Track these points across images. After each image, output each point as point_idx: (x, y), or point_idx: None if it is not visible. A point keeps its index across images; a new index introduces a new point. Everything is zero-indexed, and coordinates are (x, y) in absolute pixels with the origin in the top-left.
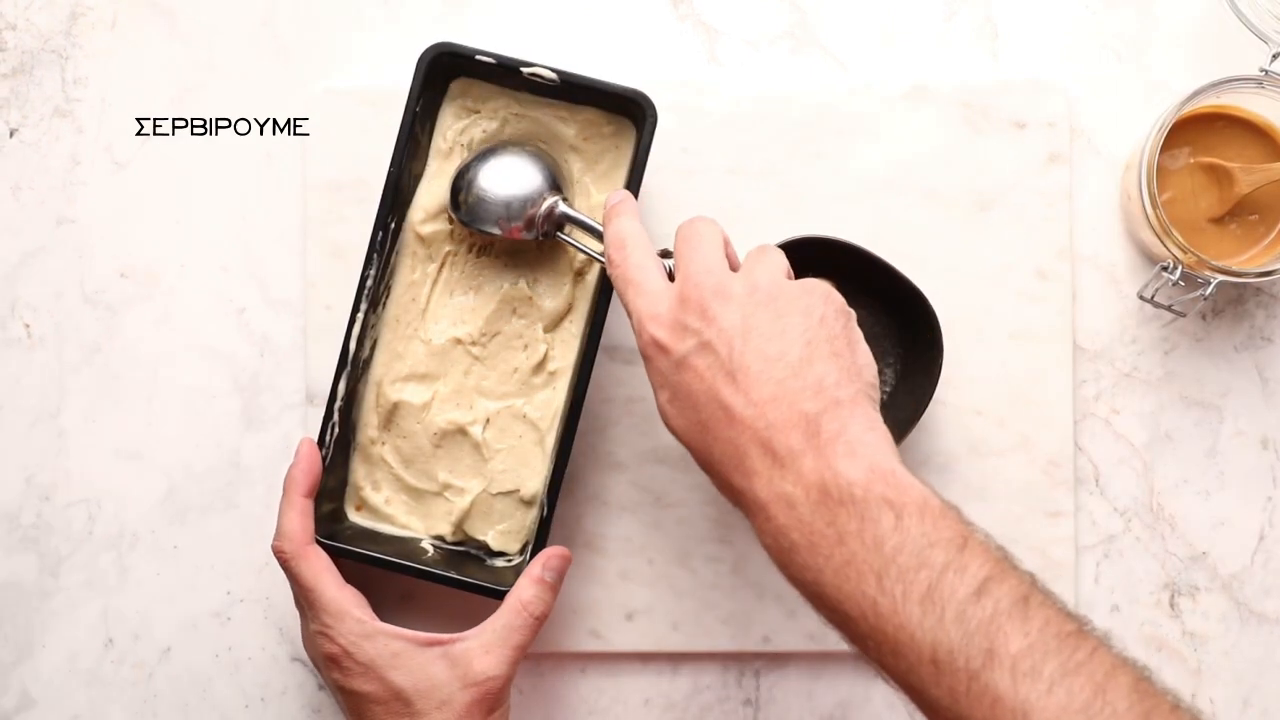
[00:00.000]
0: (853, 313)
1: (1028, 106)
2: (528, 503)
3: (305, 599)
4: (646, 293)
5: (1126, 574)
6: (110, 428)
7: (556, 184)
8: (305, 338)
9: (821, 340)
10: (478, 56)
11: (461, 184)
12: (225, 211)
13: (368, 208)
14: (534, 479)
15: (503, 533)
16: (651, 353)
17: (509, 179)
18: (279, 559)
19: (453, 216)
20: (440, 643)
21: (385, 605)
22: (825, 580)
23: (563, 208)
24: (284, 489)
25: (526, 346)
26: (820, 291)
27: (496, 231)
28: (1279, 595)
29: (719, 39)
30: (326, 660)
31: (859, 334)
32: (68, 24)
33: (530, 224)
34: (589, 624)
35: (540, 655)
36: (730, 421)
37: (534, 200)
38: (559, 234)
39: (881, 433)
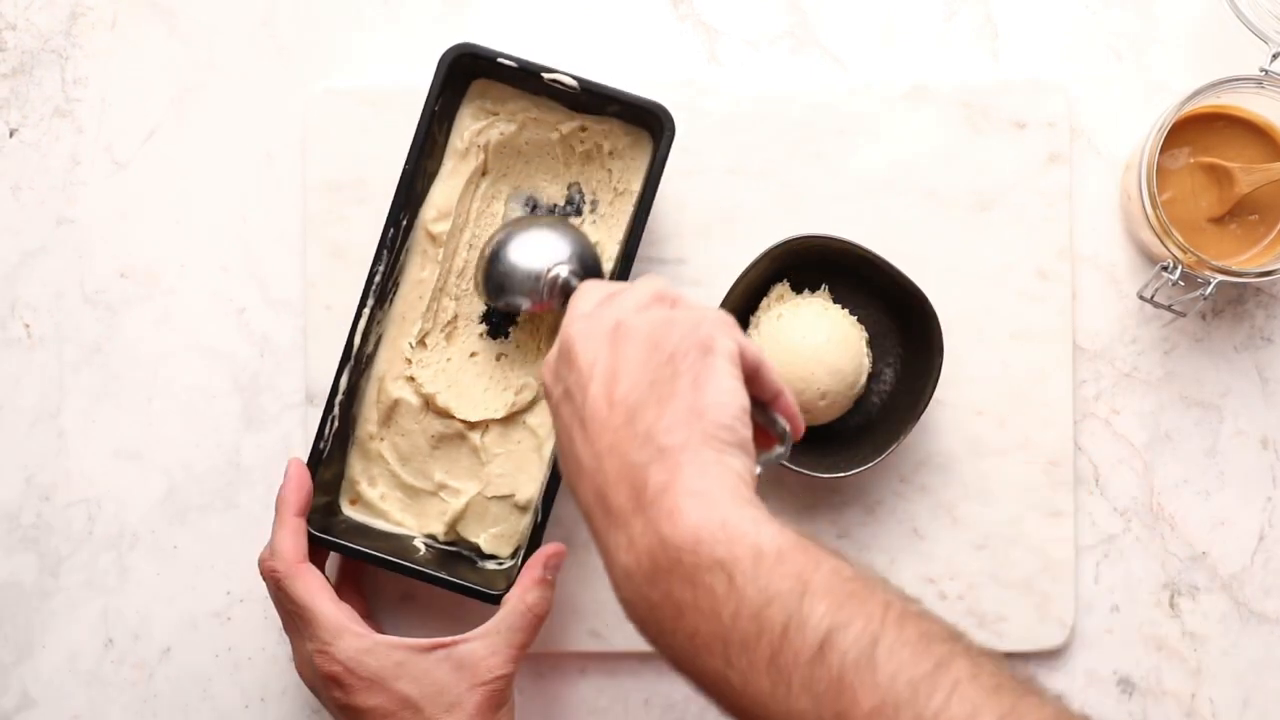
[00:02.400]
0: (726, 346)
1: (1028, 106)
2: (522, 508)
3: (300, 617)
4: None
5: (1126, 574)
6: (110, 428)
7: (576, 253)
8: (305, 338)
9: (665, 380)
10: (499, 59)
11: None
12: (225, 211)
13: (368, 208)
14: (530, 485)
15: (495, 536)
16: (544, 397)
17: (533, 252)
18: (271, 578)
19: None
20: (442, 645)
21: (385, 605)
22: (677, 656)
23: (565, 276)
24: (276, 508)
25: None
26: (687, 322)
27: (526, 303)
28: (1279, 595)
29: (719, 39)
30: (327, 680)
31: (718, 368)
32: (68, 24)
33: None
34: (589, 624)
35: (540, 655)
36: (580, 474)
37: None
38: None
39: (715, 476)
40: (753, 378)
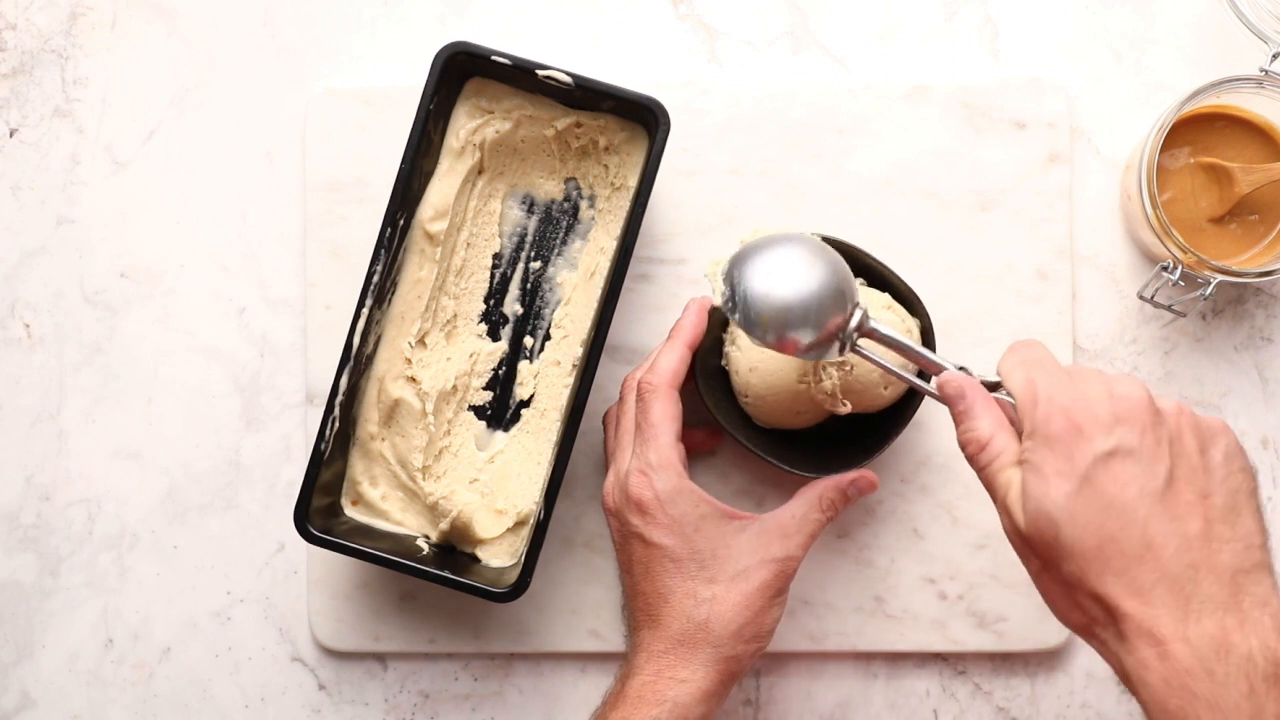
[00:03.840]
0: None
1: (1028, 106)
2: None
3: (642, 435)
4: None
5: None
6: (110, 428)
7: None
8: (305, 338)
9: (1246, 492)
10: (493, 57)
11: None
12: (225, 211)
13: (368, 208)
14: (532, 484)
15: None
16: (1069, 436)
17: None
18: (641, 389)
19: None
20: (740, 517)
21: (387, 604)
22: None
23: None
24: (670, 336)
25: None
26: (1234, 437)
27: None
28: None
29: (719, 39)
30: (635, 505)
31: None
32: (68, 24)
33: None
34: (589, 624)
35: (540, 655)
36: (1146, 545)
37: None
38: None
39: None
40: None
